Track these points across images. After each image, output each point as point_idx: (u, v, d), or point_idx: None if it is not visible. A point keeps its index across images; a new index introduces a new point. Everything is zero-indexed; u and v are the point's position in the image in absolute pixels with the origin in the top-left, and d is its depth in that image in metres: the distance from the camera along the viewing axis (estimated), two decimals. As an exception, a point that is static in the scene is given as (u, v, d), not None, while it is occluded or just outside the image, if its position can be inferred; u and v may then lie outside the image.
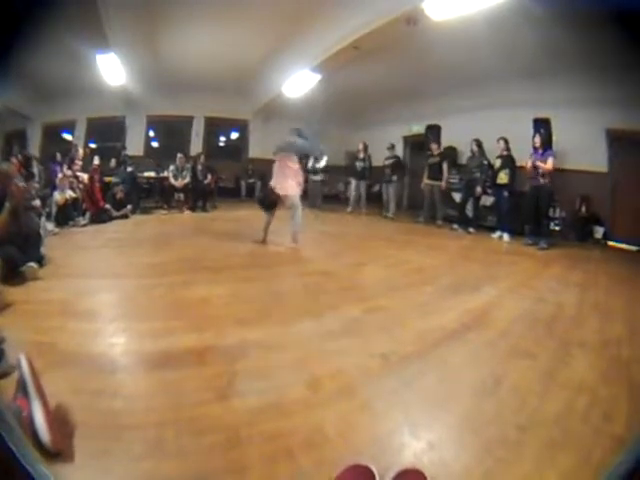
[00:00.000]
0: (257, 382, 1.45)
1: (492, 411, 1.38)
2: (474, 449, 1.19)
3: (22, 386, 1.14)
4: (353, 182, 8.30)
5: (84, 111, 9.10)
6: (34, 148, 8.54)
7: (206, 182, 7.59)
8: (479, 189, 6.29)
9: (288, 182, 4.24)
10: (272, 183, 4.31)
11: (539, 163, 5.26)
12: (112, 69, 6.58)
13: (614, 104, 5.88)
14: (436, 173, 6.94)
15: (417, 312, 2.36)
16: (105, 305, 2.29)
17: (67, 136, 9.33)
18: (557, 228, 6.27)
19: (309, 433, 1.20)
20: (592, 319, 2.50)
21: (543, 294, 3.00)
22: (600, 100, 6.01)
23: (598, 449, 1.21)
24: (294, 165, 4.36)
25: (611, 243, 6.19)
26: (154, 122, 10.24)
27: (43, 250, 3.09)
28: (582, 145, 6.21)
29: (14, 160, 5.26)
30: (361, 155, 8.12)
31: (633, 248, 5.91)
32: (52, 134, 9.22)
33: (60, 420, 1.13)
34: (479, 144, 6.42)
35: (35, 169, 5.97)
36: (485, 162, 6.29)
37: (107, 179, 6.53)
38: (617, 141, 6.26)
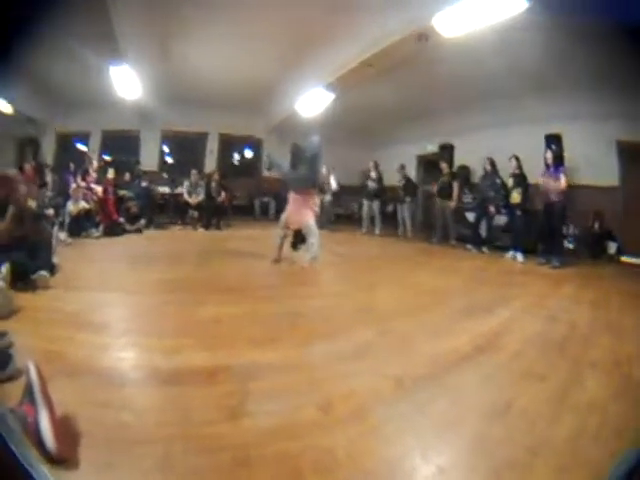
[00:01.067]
0: (268, 403, 1.45)
1: (502, 434, 1.36)
2: (483, 473, 1.18)
3: (29, 392, 1.16)
4: (365, 202, 8.29)
5: (98, 123, 9.28)
6: (48, 156, 8.73)
7: (220, 200, 7.64)
8: (492, 209, 6.26)
9: (302, 212, 4.12)
10: (286, 218, 4.21)
11: (552, 182, 5.22)
12: (126, 81, 6.70)
13: (623, 116, 5.86)
14: (446, 192, 6.94)
15: (430, 334, 2.35)
16: (115, 319, 2.32)
17: (81, 146, 9.52)
18: (571, 246, 6.19)
19: (319, 455, 1.19)
20: (604, 339, 2.48)
21: (556, 313, 2.97)
22: (609, 113, 6.00)
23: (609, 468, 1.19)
24: (310, 197, 4.25)
25: (624, 258, 6.10)
26: (168, 137, 10.39)
27: (55, 259, 3.14)
28: (593, 159, 6.18)
29: (27, 167, 5.32)
30: (373, 175, 8.13)
31: None
32: (66, 143, 9.43)
33: (66, 428, 1.13)
34: (492, 163, 6.42)
35: (48, 177, 6.08)
36: (498, 181, 6.27)
37: (121, 192, 6.63)
38: (628, 153, 6.22)
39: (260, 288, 3.31)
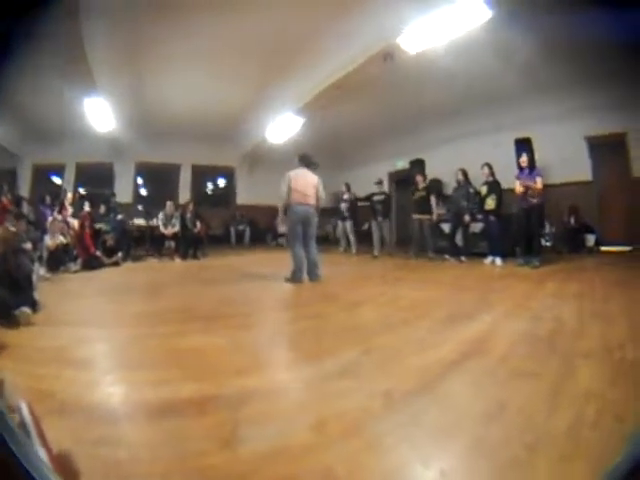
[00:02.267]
0: (261, 429, 1.42)
1: (500, 435, 1.37)
2: (486, 473, 1.19)
3: (23, 431, 1.12)
4: (339, 224, 8.42)
5: (73, 155, 9.28)
6: (24, 189, 8.66)
7: (196, 230, 7.65)
8: (467, 217, 6.42)
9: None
10: None
11: (530, 184, 5.37)
12: (100, 114, 6.81)
13: (589, 111, 6.12)
14: (424, 207, 6.99)
15: (414, 348, 2.35)
16: (101, 355, 2.27)
17: (56, 179, 9.42)
18: (548, 244, 6.36)
19: (319, 475, 1.17)
20: (593, 328, 2.53)
21: (540, 312, 3.02)
22: (575, 110, 6.26)
23: (612, 453, 1.20)
24: None
25: (604, 248, 6.30)
26: (142, 169, 10.40)
27: (36, 295, 3.07)
28: (565, 157, 6.43)
29: (4, 199, 5.27)
30: (345, 196, 8.23)
31: (626, 249, 6.02)
32: (41, 176, 9.38)
33: (63, 467, 1.09)
34: (464, 173, 6.59)
35: (25, 210, 5.97)
36: (471, 190, 6.43)
37: (97, 226, 6.56)
38: (597, 147, 6.50)
39: (241, 315, 3.29)
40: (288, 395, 1.73)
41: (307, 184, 4.61)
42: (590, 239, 6.46)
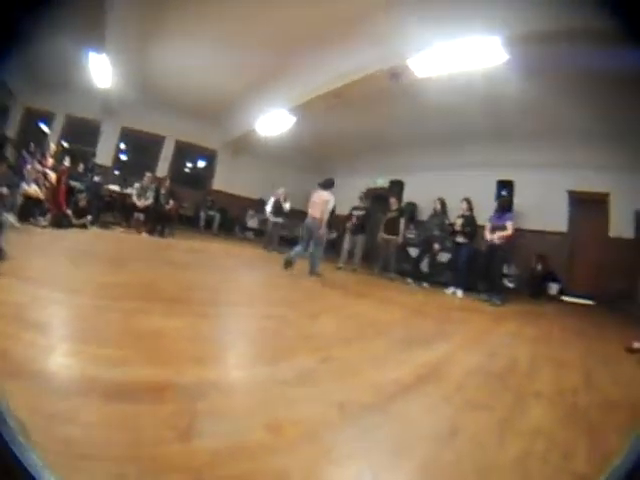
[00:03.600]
0: (217, 424, 1.41)
1: (452, 459, 1.42)
2: None
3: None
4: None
5: (65, 105, 8.91)
6: (11, 130, 8.32)
7: (168, 207, 7.49)
8: (437, 246, 6.56)
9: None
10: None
11: (498, 234, 5.49)
12: (102, 70, 6.71)
13: (578, 167, 6.41)
14: (393, 228, 7.05)
15: (371, 364, 2.38)
16: (61, 320, 2.21)
17: (44, 127, 9.01)
18: (511, 285, 6.56)
19: (274, 477, 1.18)
20: (547, 371, 2.63)
21: (496, 349, 3.12)
22: (565, 162, 6.54)
23: None
24: None
25: (566, 298, 6.59)
26: (127, 135, 10.08)
27: (2, 242, 2.99)
28: (543, 206, 6.68)
29: None
30: None
31: (589, 302, 6.31)
32: (30, 120, 8.98)
33: None
34: (442, 203, 6.71)
35: (8, 153, 5.75)
36: (446, 221, 6.59)
37: (72, 183, 6.32)
38: (578, 202, 6.82)
39: (202, 303, 3.28)
40: (244, 393, 1.73)
41: (315, 203, 6.02)
42: (553, 287, 6.73)
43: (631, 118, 4.97)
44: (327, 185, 6.13)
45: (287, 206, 8.53)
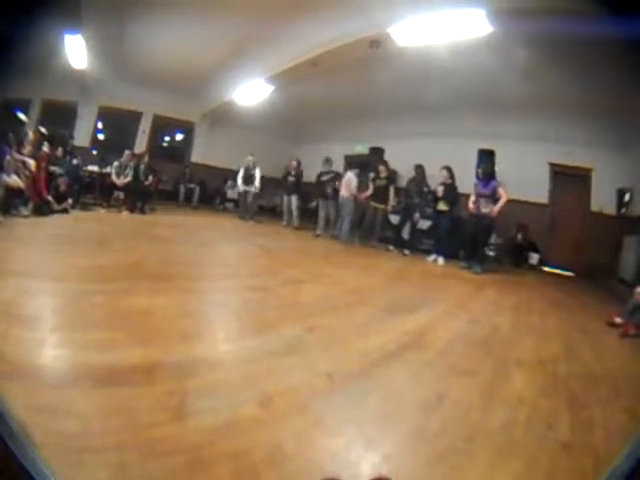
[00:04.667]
0: (209, 400, 1.44)
1: (439, 425, 1.48)
2: (428, 458, 1.29)
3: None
4: (285, 198, 8.31)
5: (40, 90, 8.43)
6: None
7: (147, 183, 7.33)
8: (417, 214, 6.54)
9: None
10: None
11: (495, 208, 5.45)
12: (77, 51, 6.50)
13: (563, 140, 6.43)
14: (382, 196, 6.93)
15: (356, 332, 2.42)
16: (47, 311, 2.17)
17: (21, 115, 8.61)
18: (492, 253, 6.64)
19: (269, 450, 1.22)
20: (528, 339, 2.70)
21: (478, 316, 3.18)
22: (546, 136, 6.54)
23: (545, 454, 1.37)
24: None
25: (546, 269, 6.74)
26: (104, 113, 9.74)
27: None
28: (524, 177, 6.70)
29: None
30: (293, 172, 8.15)
31: (568, 274, 6.46)
32: (6, 110, 8.45)
33: None
34: (422, 170, 6.65)
35: None
36: (425, 189, 6.55)
37: (52, 168, 6.13)
38: (560, 175, 6.88)
39: (187, 278, 3.26)
40: (232, 367, 1.75)
41: (344, 184, 7.07)
42: (534, 257, 6.83)
43: (618, 95, 4.97)
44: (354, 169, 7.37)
45: (257, 173, 8.33)
